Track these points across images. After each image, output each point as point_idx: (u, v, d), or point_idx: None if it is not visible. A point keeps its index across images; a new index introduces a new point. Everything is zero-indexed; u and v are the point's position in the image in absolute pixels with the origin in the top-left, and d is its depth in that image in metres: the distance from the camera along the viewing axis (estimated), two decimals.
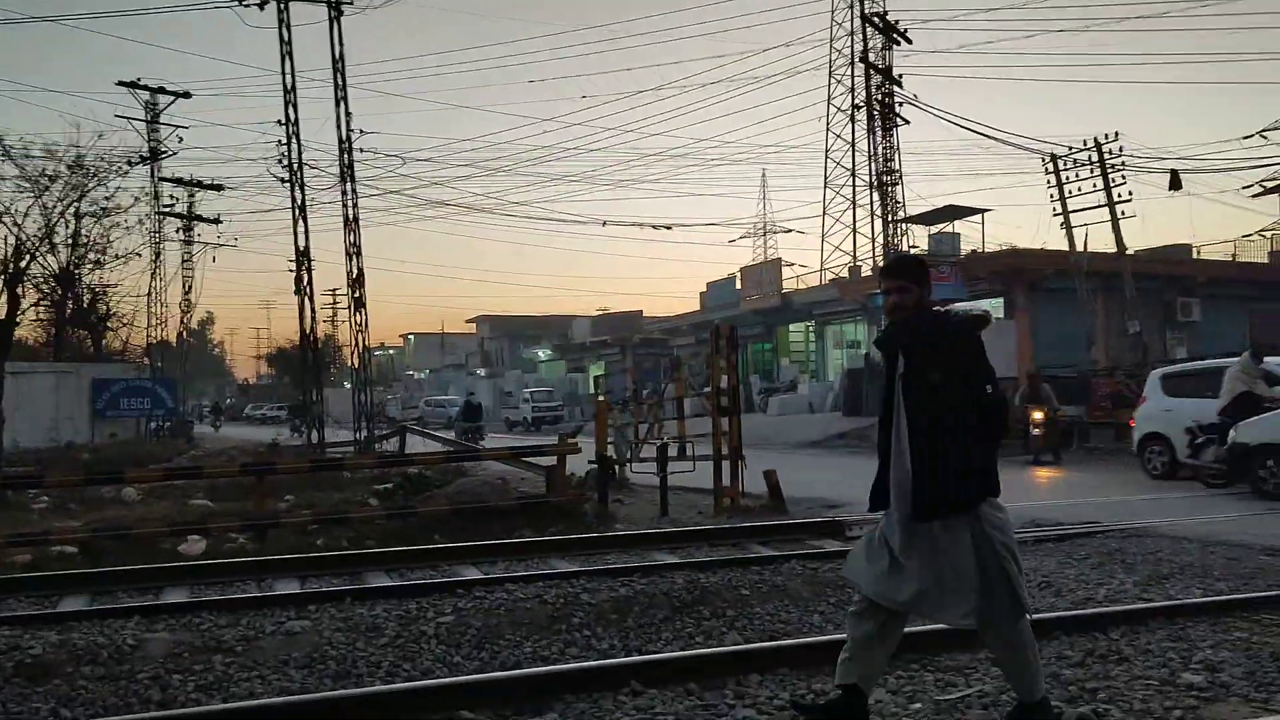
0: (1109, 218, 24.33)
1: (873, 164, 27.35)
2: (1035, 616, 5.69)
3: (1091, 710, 4.12)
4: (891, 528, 3.76)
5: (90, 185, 33.57)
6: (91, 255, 34.26)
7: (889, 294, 3.81)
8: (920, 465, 3.65)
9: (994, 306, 29.35)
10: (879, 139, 26.76)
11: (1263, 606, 5.89)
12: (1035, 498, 12.17)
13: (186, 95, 35.35)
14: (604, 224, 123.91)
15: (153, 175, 34.71)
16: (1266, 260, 36.88)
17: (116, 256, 34.81)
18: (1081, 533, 8.90)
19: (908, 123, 26.92)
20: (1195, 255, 34.66)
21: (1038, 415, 17.72)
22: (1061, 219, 25.00)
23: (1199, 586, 6.70)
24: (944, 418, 3.64)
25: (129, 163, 33.95)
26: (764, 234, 63.76)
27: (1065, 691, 4.43)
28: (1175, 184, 24.87)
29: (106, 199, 34.03)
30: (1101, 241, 25.46)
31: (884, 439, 3.80)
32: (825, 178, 44.44)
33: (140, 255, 37.88)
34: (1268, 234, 39.81)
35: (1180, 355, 27.08)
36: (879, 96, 26.79)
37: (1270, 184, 37.60)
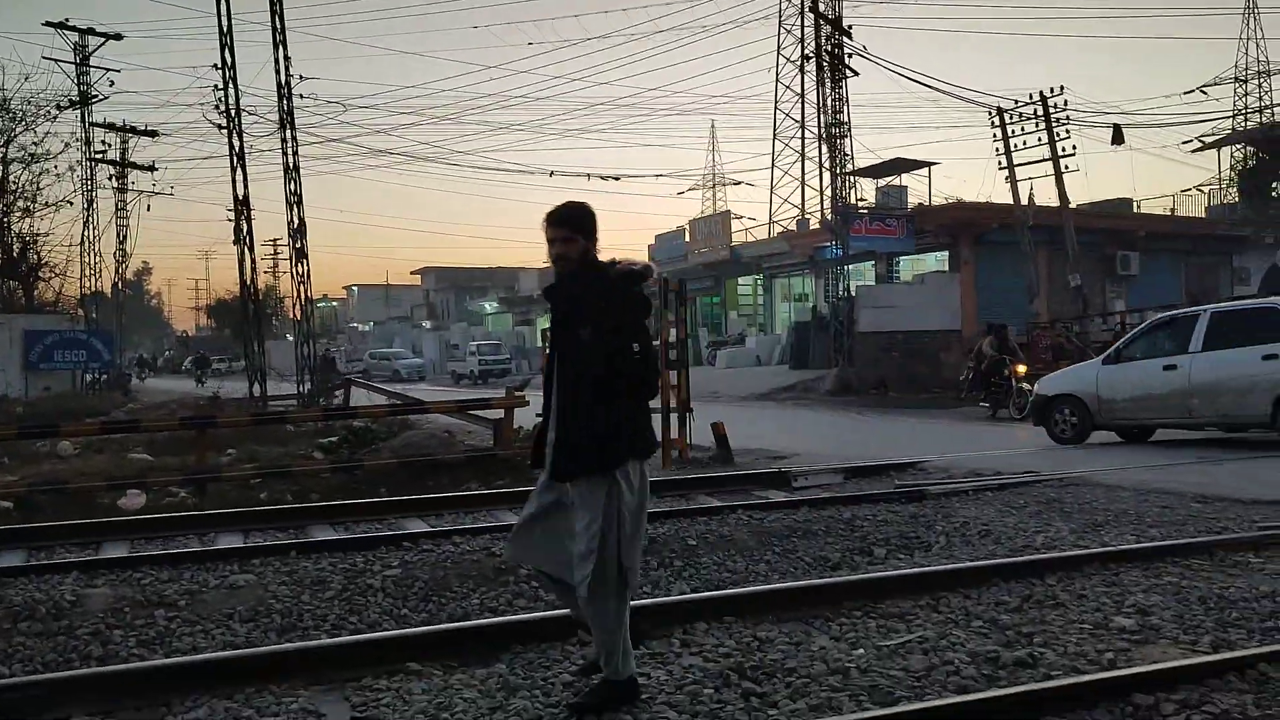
0: (1053, 171, 24.59)
1: (821, 116, 27.27)
2: (977, 564, 5.86)
3: (1028, 654, 4.22)
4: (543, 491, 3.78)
5: (17, 130, 32.57)
6: (20, 203, 33.34)
7: (553, 243, 3.66)
8: (565, 422, 3.60)
9: (939, 260, 29.70)
10: (828, 91, 26.68)
11: (1192, 552, 6.07)
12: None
13: (118, 37, 34.22)
14: (551, 174, 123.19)
15: (83, 120, 33.60)
16: (1204, 214, 37.70)
17: (47, 204, 33.88)
18: (1021, 481, 9.09)
19: (856, 74, 26.87)
20: (1136, 209, 35.26)
21: (1021, 369, 17.19)
22: (1007, 172, 25.23)
23: (1132, 533, 6.88)
24: (591, 374, 3.55)
25: (58, 107, 32.94)
26: (712, 186, 63.81)
27: (1003, 636, 4.53)
28: (1118, 138, 25.20)
29: (35, 144, 33.07)
30: (1045, 196, 25.77)
31: (546, 395, 3.76)
32: (774, 130, 44.42)
33: (72, 203, 36.94)
34: (1205, 189, 40.73)
35: (1119, 308, 27.67)
36: (828, 47, 26.67)
37: (1209, 139, 38.45)
